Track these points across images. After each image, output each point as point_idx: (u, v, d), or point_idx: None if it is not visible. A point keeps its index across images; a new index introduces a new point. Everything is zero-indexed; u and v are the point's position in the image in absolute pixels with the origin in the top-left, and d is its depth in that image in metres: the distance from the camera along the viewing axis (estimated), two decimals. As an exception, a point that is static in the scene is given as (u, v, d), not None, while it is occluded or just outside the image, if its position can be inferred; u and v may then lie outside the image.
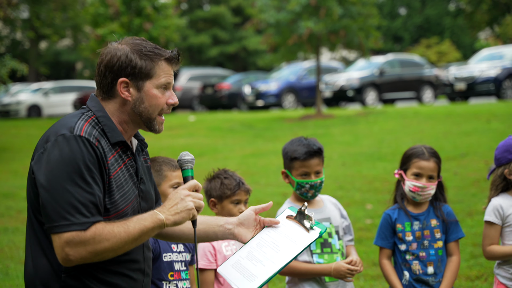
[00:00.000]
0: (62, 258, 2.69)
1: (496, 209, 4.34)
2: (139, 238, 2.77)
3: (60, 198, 2.67)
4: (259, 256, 2.98)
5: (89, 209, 2.70)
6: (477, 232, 7.57)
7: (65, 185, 2.68)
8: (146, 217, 2.79)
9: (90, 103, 2.93)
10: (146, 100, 2.89)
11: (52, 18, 42.10)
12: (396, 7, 54.65)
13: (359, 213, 9.26)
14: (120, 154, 2.90)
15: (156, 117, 2.93)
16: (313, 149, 4.26)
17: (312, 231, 3.03)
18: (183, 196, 2.87)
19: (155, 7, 25.62)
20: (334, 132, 18.19)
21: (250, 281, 2.91)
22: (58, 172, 2.70)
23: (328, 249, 4.28)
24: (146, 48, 2.89)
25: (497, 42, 43.70)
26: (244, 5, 47.02)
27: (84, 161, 2.72)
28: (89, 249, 2.68)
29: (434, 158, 4.40)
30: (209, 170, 4.38)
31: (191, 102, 33.34)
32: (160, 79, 2.90)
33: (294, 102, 29.24)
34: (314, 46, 22.33)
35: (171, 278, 3.97)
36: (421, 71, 28.11)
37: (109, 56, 2.87)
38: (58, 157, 2.71)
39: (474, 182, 10.44)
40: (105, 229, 2.71)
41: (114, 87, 2.88)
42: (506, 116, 16.53)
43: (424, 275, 4.38)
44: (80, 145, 2.73)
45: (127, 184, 2.90)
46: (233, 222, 3.12)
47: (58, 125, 2.82)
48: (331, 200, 4.50)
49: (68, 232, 2.66)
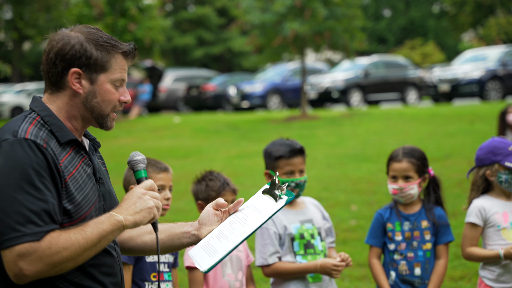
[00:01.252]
0: (15, 274, 2.41)
1: (478, 211, 4.36)
2: (98, 243, 2.50)
3: (8, 209, 2.40)
4: (227, 233, 2.86)
5: (42, 218, 2.42)
6: (461, 233, 7.57)
7: (12, 193, 2.42)
8: (103, 220, 2.53)
9: (33, 104, 2.66)
10: (99, 94, 2.65)
11: (36, 19, 41.91)
12: (381, 9, 54.82)
13: (344, 214, 9.28)
14: (73, 155, 2.63)
15: (109, 113, 2.69)
16: (296, 147, 4.30)
17: (279, 200, 2.95)
18: (140, 194, 2.62)
19: (140, 8, 25.58)
20: (319, 133, 18.22)
21: (211, 257, 2.78)
22: (3, 180, 2.43)
23: (311, 250, 4.30)
24: (103, 38, 2.65)
25: (480, 44, 43.95)
26: (229, 6, 46.99)
27: (32, 166, 2.45)
28: (45, 261, 2.41)
29: (408, 158, 4.40)
30: (195, 172, 4.38)
31: (176, 103, 33.27)
32: (115, 74, 2.67)
33: (279, 104, 29.27)
34: (299, 47, 22.37)
35: (154, 279, 3.96)
36: (406, 72, 28.22)
37: (61, 43, 2.61)
38: (3, 164, 2.45)
39: (458, 183, 10.49)
40: (61, 237, 2.44)
41: (64, 78, 2.62)
42: (490, 117, 16.62)
43: (411, 276, 4.39)
44: (26, 149, 2.47)
45: (86, 185, 2.63)
46: (195, 225, 2.90)
47: (2, 130, 2.56)
48: (313, 202, 4.52)
49: (20, 244, 2.38)
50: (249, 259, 4.42)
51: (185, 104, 32.97)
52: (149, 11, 25.91)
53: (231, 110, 30.36)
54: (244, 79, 32.45)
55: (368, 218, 7.54)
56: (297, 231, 4.30)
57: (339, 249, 5.64)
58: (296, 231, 4.29)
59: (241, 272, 4.29)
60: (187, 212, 8.97)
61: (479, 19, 43.48)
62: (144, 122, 25.00)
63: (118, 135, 20.49)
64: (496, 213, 4.34)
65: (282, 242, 4.29)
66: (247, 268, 4.39)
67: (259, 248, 4.30)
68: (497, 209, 4.35)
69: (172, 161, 14.74)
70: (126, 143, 18.27)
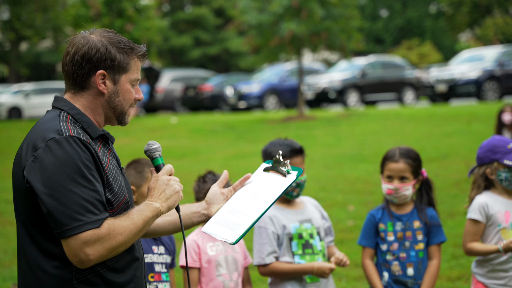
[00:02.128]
0: (81, 260, 2.64)
1: (481, 207, 4.36)
2: (143, 229, 2.76)
3: (67, 201, 2.63)
4: (241, 208, 3.00)
5: (97, 207, 2.66)
6: (458, 233, 7.61)
7: (68, 186, 2.64)
8: (144, 208, 2.78)
9: (59, 104, 2.87)
10: (121, 93, 2.88)
11: (33, 20, 41.87)
12: (378, 9, 54.85)
13: (341, 214, 9.28)
14: (103, 148, 2.87)
15: (127, 111, 2.94)
16: (296, 147, 4.31)
17: (289, 175, 3.06)
18: (166, 181, 2.87)
19: (137, 8, 25.58)
20: (316, 133, 18.23)
21: (234, 230, 2.92)
22: (58, 175, 2.64)
23: (309, 250, 4.29)
24: (123, 42, 2.87)
25: (477, 44, 44.00)
26: (226, 7, 47.00)
27: (81, 160, 2.68)
28: (106, 246, 2.65)
29: (404, 158, 4.40)
30: (192, 173, 4.39)
31: (173, 104, 33.25)
32: (134, 74, 2.89)
33: (276, 104, 29.27)
34: (296, 47, 22.37)
35: (152, 280, 3.97)
36: (403, 72, 28.23)
37: (87, 46, 2.82)
38: (55, 161, 2.66)
39: (455, 183, 10.49)
40: (116, 224, 2.69)
41: (90, 79, 2.83)
42: (487, 117, 16.64)
43: (404, 277, 4.39)
44: (74, 145, 2.69)
45: (118, 176, 2.87)
46: (203, 205, 3.13)
47: (40, 130, 2.76)
48: (311, 202, 4.52)
49: (84, 232, 2.62)
50: (247, 261, 4.42)
51: (182, 104, 32.96)
52: (146, 11, 25.92)
53: (228, 110, 30.35)
54: (241, 80, 32.44)
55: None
56: (295, 230, 4.30)
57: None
58: (295, 230, 4.30)
59: (237, 273, 4.29)
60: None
61: (476, 19, 43.52)
62: (141, 122, 24.98)
63: (115, 135, 20.27)
64: (498, 212, 4.34)
65: (281, 242, 4.29)
66: (244, 270, 4.39)
67: (256, 247, 4.31)
68: (499, 208, 4.35)
69: (169, 161, 14.69)
70: (123, 144, 18.24)
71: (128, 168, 4.06)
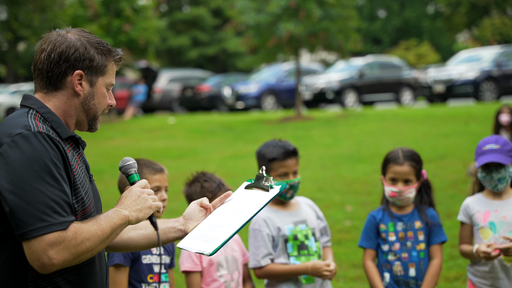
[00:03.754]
0: (43, 263, 2.46)
1: (464, 208, 4.43)
2: (110, 236, 2.60)
3: (32, 199, 2.45)
4: (219, 223, 2.89)
5: (64, 208, 2.50)
6: (456, 233, 7.57)
7: (35, 184, 2.46)
8: (112, 214, 2.62)
9: (27, 102, 2.72)
10: (96, 97, 2.75)
11: (31, 20, 41.81)
12: (375, 10, 54.87)
13: (339, 215, 9.28)
14: (72, 151, 2.70)
15: (99, 116, 2.80)
16: (289, 149, 4.30)
17: (271, 189, 2.96)
18: (138, 193, 2.72)
19: (135, 8, 25.56)
20: (314, 134, 18.22)
21: (211, 243, 2.80)
22: (24, 172, 2.47)
23: (305, 251, 4.29)
24: (102, 43, 2.75)
25: (475, 44, 44.02)
26: (223, 7, 46.97)
27: (50, 158, 2.52)
28: (71, 250, 2.48)
29: (409, 161, 4.38)
30: (188, 175, 4.37)
31: (171, 104, 33.24)
32: (110, 78, 2.78)
33: (274, 104, 29.26)
34: (294, 48, 22.37)
35: (151, 281, 3.97)
36: (400, 73, 28.25)
37: (65, 45, 2.69)
38: (21, 157, 2.49)
39: (453, 183, 10.50)
40: (83, 228, 2.52)
41: (65, 79, 2.70)
42: (484, 118, 16.65)
43: (406, 277, 4.39)
44: (43, 142, 2.53)
45: (86, 181, 2.71)
46: (180, 221, 2.98)
47: (5, 127, 2.60)
48: (306, 202, 4.52)
49: (50, 233, 2.44)
50: (245, 258, 4.41)
51: (179, 104, 32.94)
52: (144, 11, 25.89)
53: (226, 110, 30.34)
54: (239, 80, 32.43)
55: (363, 219, 7.53)
56: (290, 232, 4.29)
57: (334, 250, 5.63)
58: (289, 232, 4.29)
59: (237, 272, 4.29)
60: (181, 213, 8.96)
61: (474, 19, 43.54)
62: (138, 122, 24.97)
63: (113, 136, 20.46)
64: (478, 212, 4.36)
65: (276, 244, 4.28)
66: (244, 267, 4.39)
67: (252, 250, 4.30)
68: (480, 208, 4.37)
69: (167, 161, 14.72)
70: (120, 144, 18.23)
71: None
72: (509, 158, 4.26)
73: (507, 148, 4.27)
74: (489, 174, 4.28)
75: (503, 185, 4.30)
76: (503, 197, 4.37)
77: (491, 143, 4.29)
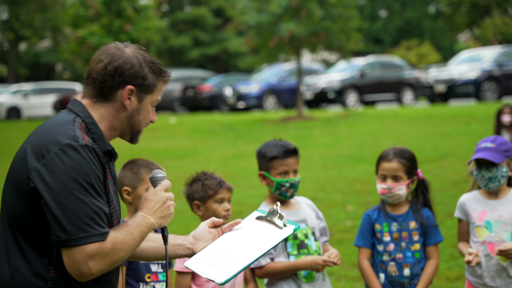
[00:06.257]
0: (83, 273, 2.57)
1: (460, 205, 4.43)
2: (139, 244, 2.73)
3: (76, 209, 2.56)
4: (230, 251, 2.94)
5: (103, 220, 2.62)
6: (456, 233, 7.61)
7: (79, 195, 2.57)
8: (140, 221, 2.74)
9: (76, 108, 2.80)
10: (142, 112, 2.87)
11: (32, 20, 41.90)
12: (377, 9, 54.88)
13: (340, 214, 9.28)
14: (106, 164, 2.79)
15: (142, 131, 2.94)
16: (290, 148, 4.31)
17: (285, 228, 3.02)
18: (164, 199, 2.82)
19: (136, 8, 25.53)
20: (315, 134, 18.22)
21: (222, 271, 2.85)
22: (70, 182, 2.57)
23: (304, 250, 4.29)
24: (156, 63, 2.88)
25: (476, 44, 44.03)
26: (225, 7, 47.00)
27: (94, 171, 2.63)
28: (108, 260, 2.60)
29: (398, 158, 4.39)
30: (189, 175, 4.36)
31: (172, 104, 33.25)
32: (157, 96, 2.90)
33: (275, 104, 29.27)
34: (295, 48, 22.37)
35: (148, 280, 3.96)
36: (402, 73, 28.25)
37: (122, 60, 2.79)
38: (68, 167, 2.59)
39: (454, 183, 10.50)
40: (118, 238, 2.64)
41: (116, 92, 2.80)
42: (486, 118, 16.65)
43: (400, 277, 4.39)
44: (89, 155, 2.64)
45: (115, 195, 2.83)
46: (190, 239, 3.05)
47: (53, 133, 2.68)
48: (306, 202, 4.52)
49: (91, 244, 2.55)
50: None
51: (181, 104, 32.95)
52: (145, 11, 25.87)
53: (227, 110, 30.35)
54: (240, 80, 32.43)
55: (364, 219, 7.53)
56: (290, 231, 4.29)
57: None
58: (289, 231, 4.29)
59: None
60: (183, 213, 8.95)
61: (475, 19, 43.54)
62: (140, 122, 24.96)
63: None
64: (474, 210, 4.36)
65: (276, 243, 4.28)
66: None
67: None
68: (476, 206, 4.36)
69: (168, 161, 14.74)
70: (121, 144, 18.15)
71: (124, 168, 4.02)
72: (503, 157, 4.22)
73: (503, 148, 4.24)
74: (480, 172, 4.27)
75: (494, 184, 4.26)
76: (499, 196, 4.34)
77: (488, 141, 4.28)
